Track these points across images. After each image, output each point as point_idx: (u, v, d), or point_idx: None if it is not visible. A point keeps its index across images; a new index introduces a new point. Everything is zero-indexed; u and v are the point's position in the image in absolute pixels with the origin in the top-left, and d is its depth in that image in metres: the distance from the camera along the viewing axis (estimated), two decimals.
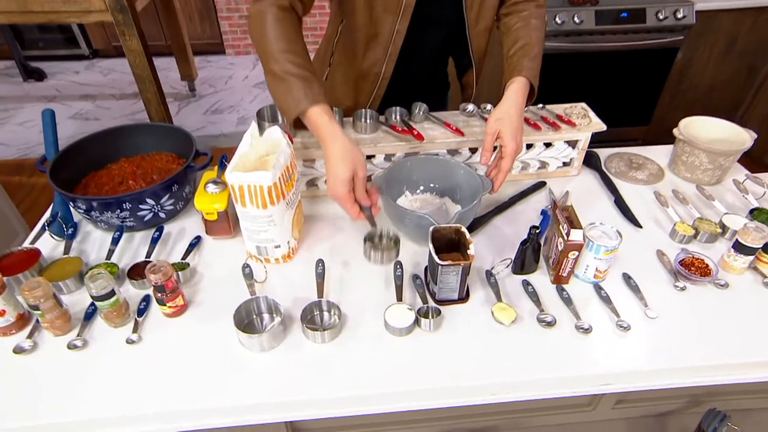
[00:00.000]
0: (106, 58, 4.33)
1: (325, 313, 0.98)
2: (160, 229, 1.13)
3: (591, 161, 1.37)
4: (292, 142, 1.15)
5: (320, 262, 1.04)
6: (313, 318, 0.97)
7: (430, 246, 0.95)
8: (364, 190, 1.01)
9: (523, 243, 1.03)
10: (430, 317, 0.96)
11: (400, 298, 0.99)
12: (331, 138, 0.97)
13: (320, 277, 1.01)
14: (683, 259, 1.06)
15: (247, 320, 0.96)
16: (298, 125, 1.04)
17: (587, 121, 1.28)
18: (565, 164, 1.34)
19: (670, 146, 1.41)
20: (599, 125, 1.28)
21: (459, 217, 1.04)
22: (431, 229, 0.99)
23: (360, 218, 1.02)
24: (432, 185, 1.24)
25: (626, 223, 1.20)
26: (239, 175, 0.95)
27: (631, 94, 2.72)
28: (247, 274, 1.01)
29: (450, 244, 1.02)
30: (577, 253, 0.99)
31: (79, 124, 3.45)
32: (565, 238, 0.97)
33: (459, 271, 0.94)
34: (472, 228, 1.15)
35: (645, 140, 2.90)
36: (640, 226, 1.18)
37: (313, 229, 1.18)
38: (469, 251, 0.94)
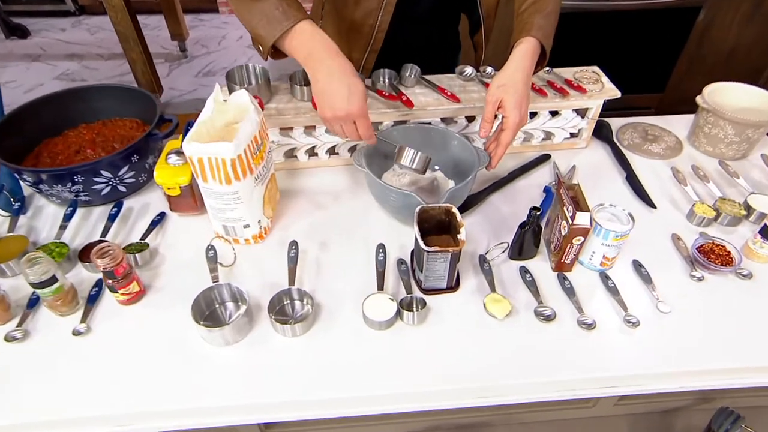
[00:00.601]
0: (94, 15, 4.12)
1: (297, 303, 0.88)
2: (119, 205, 1.02)
3: (601, 132, 1.24)
4: (263, 109, 1.02)
5: (293, 245, 0.92)
6: (283, 308, 0.87)
7: (416, 229, 0.84)
8: (368, 127, 0.91)
9: (522, 226, 0.91)
10: (414, 310, 0.85)
11: (381, 287, 0.88)
12: (330, 53, 0.86)
13: (293, 261, 0.90)
14: (702, 245, 0.95)
15: (208, 311, 0.85)
16: (276, 57, 0.93)
17: (599, 87, 1.14)
18: (572, 135, 1.21)
19: (690, 116, 1.28)
20: (613, 91, 1.14)
21: (450, 196, 0.92)
22: (418, 209, 0.87)
23: (372, 140, 0.94)
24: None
25: (638, 203, 1.08)
26: (198, 146, 0.82)
27: (645, 59, 2.53)
28: (211, 257, 0.90)
29: (440, 226, 0.91)
30: (582, 238, 0.87)
31: (64, 86, 3.29)
32: (570, 221, 0.85)
33: (447, 258, 0.83)
34: (465, 207, 1.03)
35: (658, 109, 2.73)
36: (654, 207, 1.06)
37: (289, 206, 1.07)
38: (459, 236, 0.83)
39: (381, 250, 0.93)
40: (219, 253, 0.94)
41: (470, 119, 1.14)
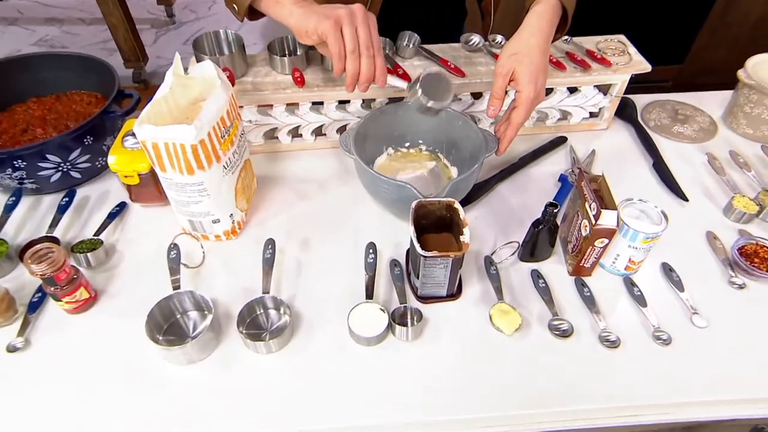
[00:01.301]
0: None
1: (272, 312, 0.76)
2: (71, 194, 0.90)
3: (624, 111, 1.10)
4: (233, 83, 0.88)
5: (270, 244, 0.80)
6: (256, 320, 0.76)
7: (411, 230, 0.71)
8: (377, 36, 0.77)
9: (536, 224, 0.79)
10: (408, 323, 0.74)
11: (370, 295, 0.76)
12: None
13: (268, 264, 0.78)
14: (743, 246, 0.82)
15: (168, 323, 0.74)
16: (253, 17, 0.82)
17: (626, 60, 1.00)
18: (592, 115, 1.07)
19: (725, 93, 1.14)
20: (642, 65, 0.99)
21: (453, 188, 0.80)
22: (414, 204, 0.74)
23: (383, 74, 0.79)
24: (421, 141, 0.98)
25: (667, 194, 0.95)
26: (151, 129, 0.69)
27: (664, 27, 2.36)
28: (173, 258, 0.78)
29: (440, 223, 0.78)
30: (606, 241, 0.75)
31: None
32: (593, 221, 0.73)
33: (448, 264, 0.71)
34: (469, 198, 0.91)
35: (676, 82, 2.56)
36: (686, 199, 0.93)
37: (268, 196, 0.94)
38: (463, 238, 0.71)
39: (371, 251, 0.80)
40: (185, 252, 0.82)
41: (477, 96, 1.00)
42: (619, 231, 0.76)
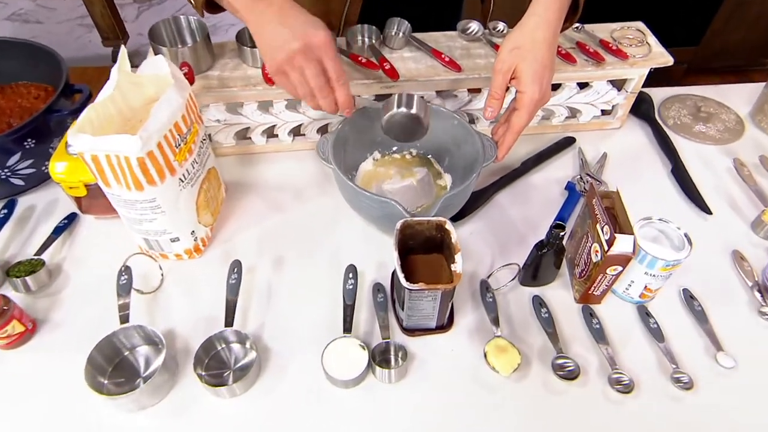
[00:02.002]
0: None
1: (236, 347, 0.68)
2: (11, 205, 0.81)
3: (640, 108, 1.00)
4: (192, 81, 0.78)
5: (236, 267, 0.71)
6: (218, 355, 0.67)
7: (395, 256, 0.63)
8: (340, 66, 0.68)
9: (539, 247, 0.70)
10: (392, 363, 0.66)
11: (349, 328, 0.68)
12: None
13: (233, 292, 0.69)
14: None
15: (111, 365, 0.65)
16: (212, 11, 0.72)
17: (644, 51, 0.90)
18: (604, 113, 0.98)
19: (754, 86, 1.04)
20: (663, 57, 0.89)
21: (445, 204, 0.70)
22: (399, 224, 0.65)
23: (348, 103, 0.71)
24: (409, 144, 0.88)
25: (687, 205, 0.86)
26: (88, 139, 0.60)
27: (679, 5, 2.23)
28: (123, 285, 0.69)
29: (429, 244, 0.69)
30: (620, 268, 0.66)
31: (16, 28, 2.98)
32: (606, 247, 0.64)
33: (437, 296, 0.63)
34: (464, 211, 0.82)
35: (691, 66, 2.44)
36: (709, 212, 0.84)
37: (239, 205, 0.85)
38: (454, 267, 0.62)
39: (351, 275, 0.72)
40: (141, 273, 0.74)
41: (474, 92, 0.91)
42: (635, 257, 0.67)
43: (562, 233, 0.67)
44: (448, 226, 0.66)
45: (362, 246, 0.79)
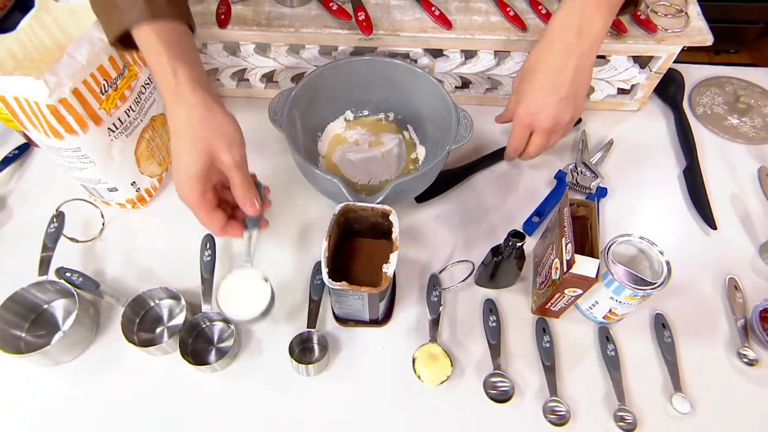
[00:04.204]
0: None
1: (169, 304, 0.63)
2: None
3: (667, 89, 0.83)
4: None
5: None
6: (151, 312, 0.62)
7: (324, 246, 0.54)
8: (249, 183, 0.55)
9: (495, 252, 0.60)
10: (315, 354, 0.60)
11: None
12: (173, 97, 0.51)
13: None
14: None
15: (32, 316, 0.61)
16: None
17: (680, 24, 0.72)
18: (621, 92, 0.82)
19: None
20: (700, 36, 0.72)
21: (398, 190, 0.61)
22: (338, 208, 0.57)
23: (226, 234, 0.57)
24: (385, 106, 0.77)
25: (692, 213, 0.73)
26: None
27: None
28: (50, 234, 0.64)
29: (376, 230, 0.61)
30: (580, 291, 0.56)
31: None
32: (564, 267, 0.54)
33: (364, 297, 0.55)
34: (434, 189, 0.71)
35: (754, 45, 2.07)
36: (714, 227, 0.71)
37: None
38: (386, 267, 0.53)
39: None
40: (83, 219, 0.69)
41: (469, 55, 0.76)
42: (601, 278, 0.56)
43: (519, 243, 0.56)
44: (393, 217, 0.57)
45: (320, 212, 0.71)
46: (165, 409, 0.57)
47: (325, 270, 0.53)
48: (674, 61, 0.76)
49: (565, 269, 0.53)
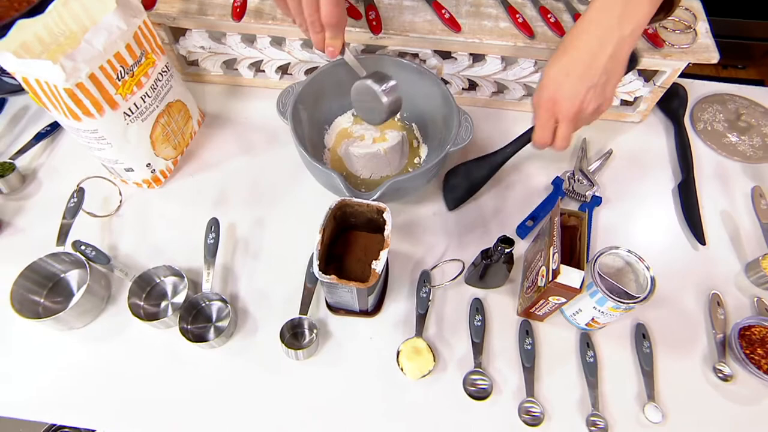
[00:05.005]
0: None
1: (173, 281, 0.61)
2: (0, 103, 0.74)
3: (670, 102, 0.78)
4: (151, 5, 0.65)
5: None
6: (157, 288, 0.61)
7: (318, 239, 0.52)
8: (333, 9, 0.51)
9: (485, 255, 0.57)
10: (301, 341, 0.57)
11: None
12: None
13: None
14: (749, 327, 0.58)
15: (50, 283, 0.60)
16: None
17: (688, 40, 0.67)
18: (624, 103, 0.77)
19: None
20: (707, 53, 0.66)
21: (396, 188, 0.57)
22: (334, 203, 0.54)
23: (336, 43, 0.54)
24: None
25: (682, 228, 0.68)
26: (11, 60, 0.50)
27: None
28: (70, 208, 0.62)
29: (371, 225, 0.58)
30: (564, 300, 0.53)
31: None
32: (550, 276, 0.50)
33: (353, 291, 0.52)
34: (467, 194, 0.67)
35: (762, 62, 1.94)
36: (703, 242, 0.66)
37: (215, 138, 0.75)
38: (375, 264, 0.51)
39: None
40: (102, 196, 0.67)
41: (477, 58, 0.72)
42: (585, 289, 0.53)
43: (507, 250, 0.53)
44: (387, 215, 0.53)
45: (326, 201, 0.68)
46: (163, 378, 0.56)
47: (316, 263, 0.50)
48: (680, 74, 0.70)
49: (550, 278, 0.50)
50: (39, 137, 0.72)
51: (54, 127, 0.74)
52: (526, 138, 0.62)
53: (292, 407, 0.54)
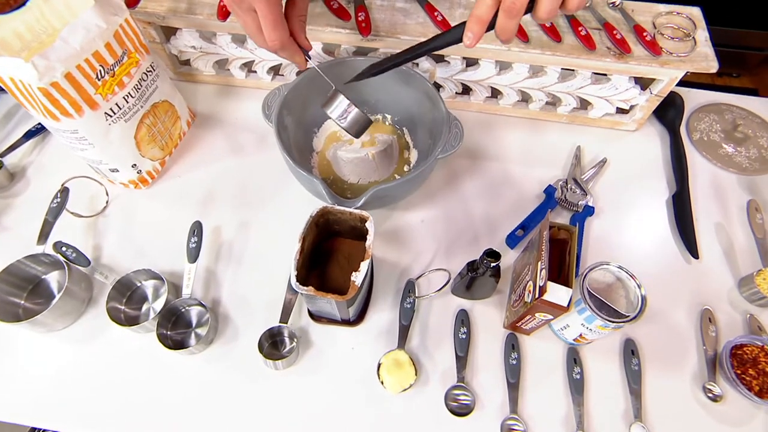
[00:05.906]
0: None
1: (152, 284, 0.57)
2: None
3: (666, 111, 0.73)
4: (134, 3, 0.60)
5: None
6: (138, 292, 0.57)
7: (297, 248, 0.47)
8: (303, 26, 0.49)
9: (470, 267, 0.52)
10: (282, 350, 0.53)
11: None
12: None
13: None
14: (740, 346, 0.53)
15: (31, 285, 0.57)
16: None
17: (687, 48, 0.61)
18: (620, 111, 0.72)
19: None
20: (705, 62, 0.61)
21: (380, 195, 0.53)
22: (316, 210, 0.50)
23: (297, 58, 0.50)
24: (382, 107, 0.68)
25: (676, 240, 0.63)
26: None
27: None
28: (53, 208, 0.58)
29: (355, 232, 0.54)
30: (550, 317, 0.48)
31: None
32: (536, 293, 0.46)
33: (332, 302, 0.48)
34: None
35: (756, 71, 1.87)
36: (696, 256, 0.61)
37: (205, 138, 0.70)
38: (354, 276, 0.46)
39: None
40: (89, 195, 0.63)
41: (470, 63, 0.67)
42: (573, 306, 0.48)
43: (493, 264, 0.48)
44: (369, 224, 0.49)
45: (311, 206, 0.64)
46: (143, 383, 0.52)
47: (293, 273, 0.46)
48: (677, 83, 0.65)
49: (536, 295, 0.46)
50: (29, 135, 0.68)
51: (43, 126, 0.70)
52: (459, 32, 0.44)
53: (272, 416, 0.51)
